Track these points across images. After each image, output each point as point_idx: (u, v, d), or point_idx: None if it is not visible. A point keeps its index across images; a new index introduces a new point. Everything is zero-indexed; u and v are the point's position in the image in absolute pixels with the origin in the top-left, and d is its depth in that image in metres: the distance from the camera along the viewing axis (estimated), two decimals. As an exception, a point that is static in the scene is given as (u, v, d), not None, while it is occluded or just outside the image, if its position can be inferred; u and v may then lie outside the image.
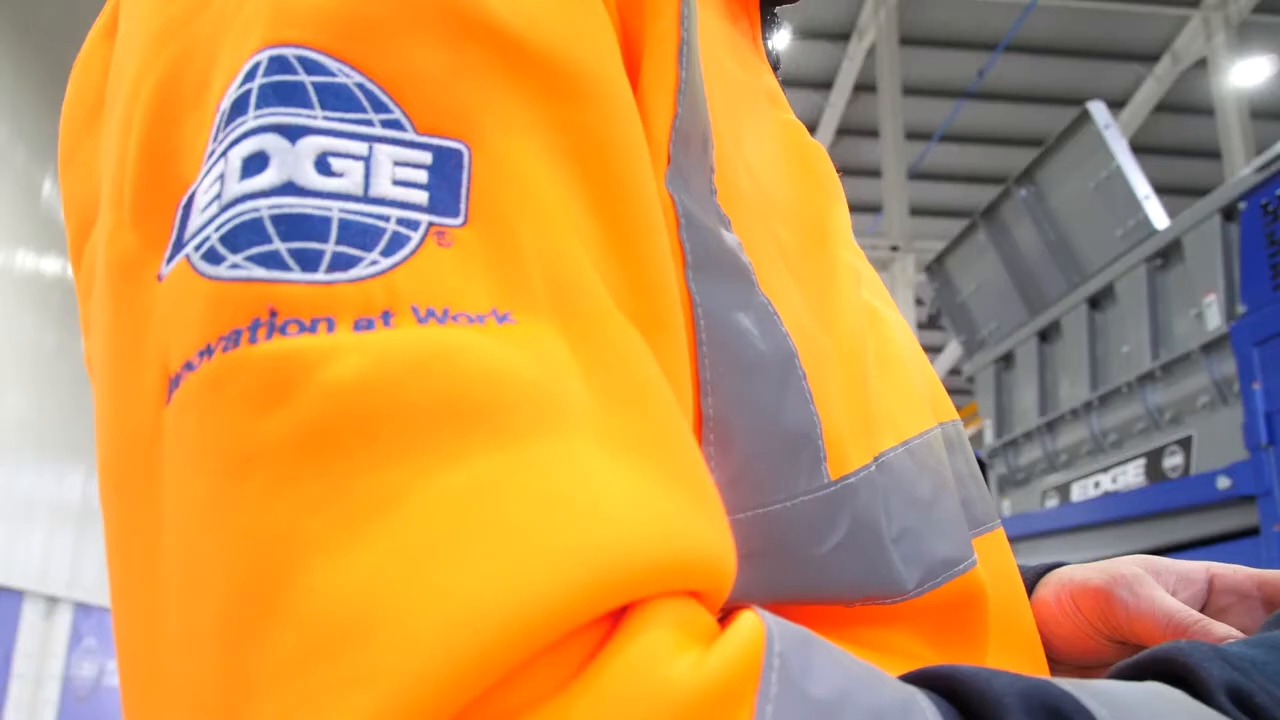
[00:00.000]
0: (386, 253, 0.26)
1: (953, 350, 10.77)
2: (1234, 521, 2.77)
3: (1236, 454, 2.76)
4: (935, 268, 4.79)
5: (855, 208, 14.26)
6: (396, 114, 0.28)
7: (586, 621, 0.24)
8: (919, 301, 5.36)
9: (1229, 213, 2.93)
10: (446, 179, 0.28)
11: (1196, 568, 0.52)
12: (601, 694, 0.23)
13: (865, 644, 0.38)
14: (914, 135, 11.31)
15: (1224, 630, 0.45)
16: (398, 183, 0.27)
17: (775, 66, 0.53)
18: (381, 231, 0.27)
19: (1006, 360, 4.34)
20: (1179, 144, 11.89)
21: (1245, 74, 10.56)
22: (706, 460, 0.33)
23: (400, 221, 0.27)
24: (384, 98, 0.28)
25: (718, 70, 0.41)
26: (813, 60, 11.10)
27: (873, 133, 10.98)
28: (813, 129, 11.78)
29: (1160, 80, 11.08)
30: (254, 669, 0.23)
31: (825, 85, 11.39)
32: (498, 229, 0.28)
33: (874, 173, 11.46)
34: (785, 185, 0.43)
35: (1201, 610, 0.50)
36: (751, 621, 0.27)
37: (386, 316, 0.26)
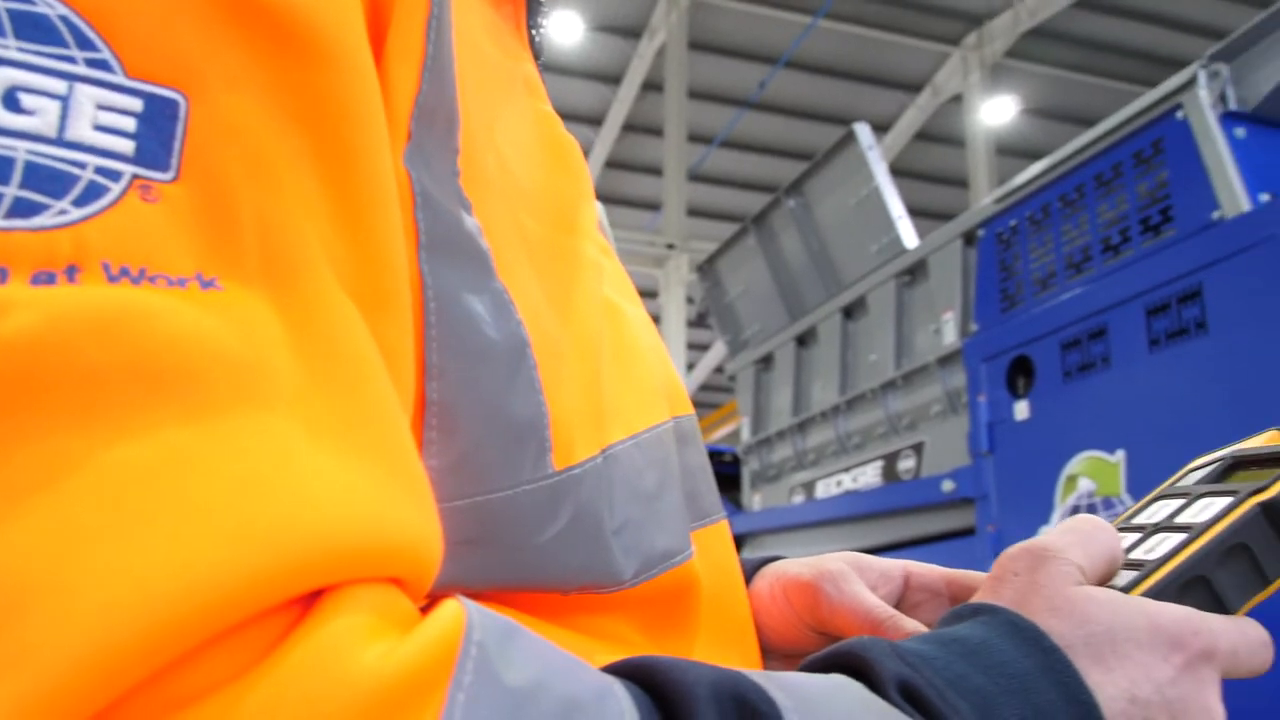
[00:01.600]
0: (80, 202, 0.24)
1: (719, 349, 11.15)
2: (955, 522, 3.00)
3: (961, 460, 2.99)
4: (706, 268, 4.93)
5: (635, 204, 14.45)
6: (105, 54, 0.25)
7: (272, 606, 0.23)
8: (690, 300, 5.51)
9: (970, 238, 3.17)
10: (158, 130, 0.26)
11: (895, 566, 0.55)
12: (282, 681, 0.22)
13: (581, 631, 0.39)
14: (696, 138, 11.61)
15: (912, 625, 0.48)
16: (100, 128, 0.25)
17: (538, 55, 0.52)
18: (75, 179, 0.24)
19: (766, 361, 4.53)
20: (932, 171, 12.81)
21: (994, 112, 11.51)
22: (427, 445, 0.32)
23: (99, 170, 0.24)
24: (91, 34, 0.25)
25: (473, 51, 0.40)
26: (605, 54, 11.19)
27: (657, 132, 11.19)
28: (599, 122, 11.91)
29: (921, 110, 11.89)
30: None
31: (615, 80, 11.51)
32: (212, 188, 0.26)
33: (656, 171, 11.68)
34: (535, 174, 0.43)
35: (897, 606, 0.54)
36: (452, 610, 0.27)
37: (71, 271, 0.23)
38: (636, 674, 0.31)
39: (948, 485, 2.98)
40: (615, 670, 0.31)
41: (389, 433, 0.28)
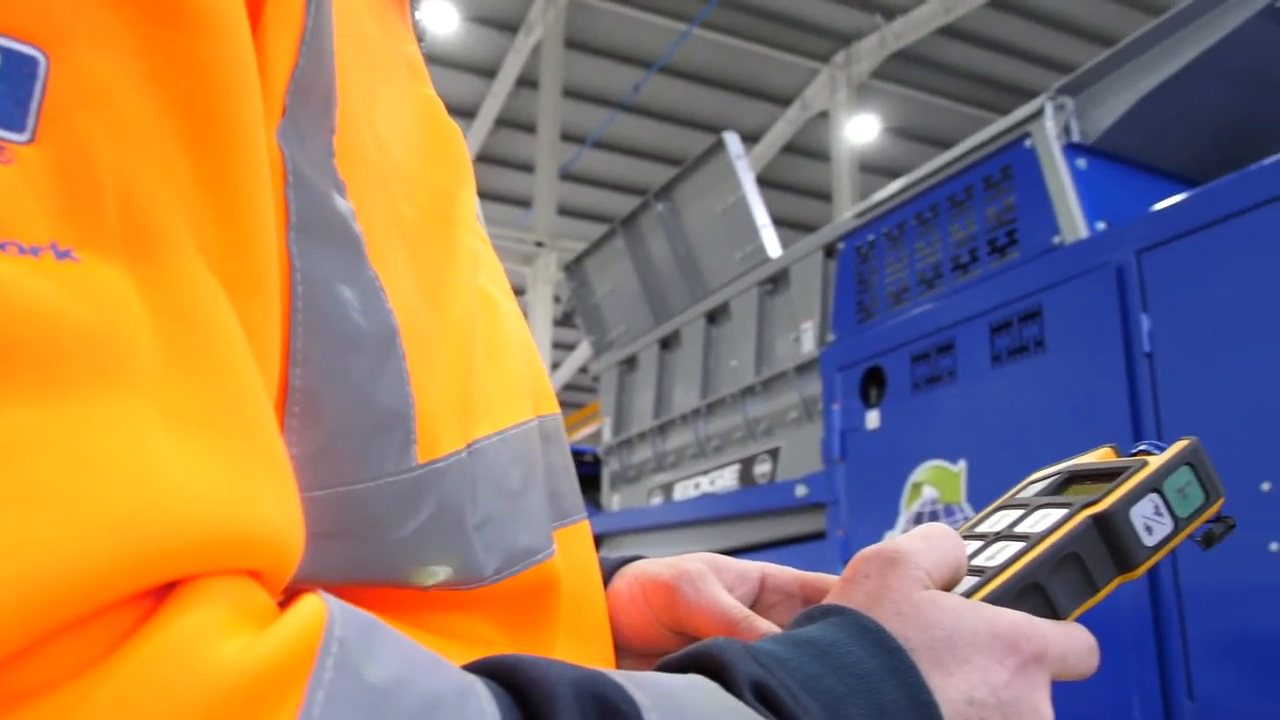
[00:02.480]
0: None
1: (584, 349, 11.16)
2: (807, 525, 3.08)
3: (814, 466, 3.08)
4: (574, 268, 4.93)
5: (506, 200, 14.31)
6: None
7: (121, 597, 0.22)
8: (557, 298, 5.50)
9: (830, 251, 3.26)
10: (14, 88, 0.24)
11: (752, 567, 0.56)
12: (130, 676, 0.21)
13: (438, 630, 0.38)
14: (568, 137, 11.60)
15: (767, 626, 0.49)
16: None
17: (421, 38, 0.51)
18: None
19: (630, 363, 4.55)
20: (798, 183, 13.13)
21: (858, 130, 11.87)
22: (289, 433, 0.31)
23: None
24: None
25: (355, 29, 0.39)
26: (480, 46, 11.07)
27: (530, 128, 11.13)
28: (473, 115, 11.76)
29: (790, 123, 12.17)
30: None
31: (489, 73, 11.40)
32: (71, 153, 0.24)
33: (527, 168, 11.62)
34: (414, 159, 0.42)
35: (752, 607, 0.55)
36: (313, 605, 0.26)
37: None
38: (498, 672, 0.31)
39: (801, 490, 3.06)
40: (476, 668, 0.31)
41: (251, 419, 0.27)
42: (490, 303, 0.46)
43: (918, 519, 2.54)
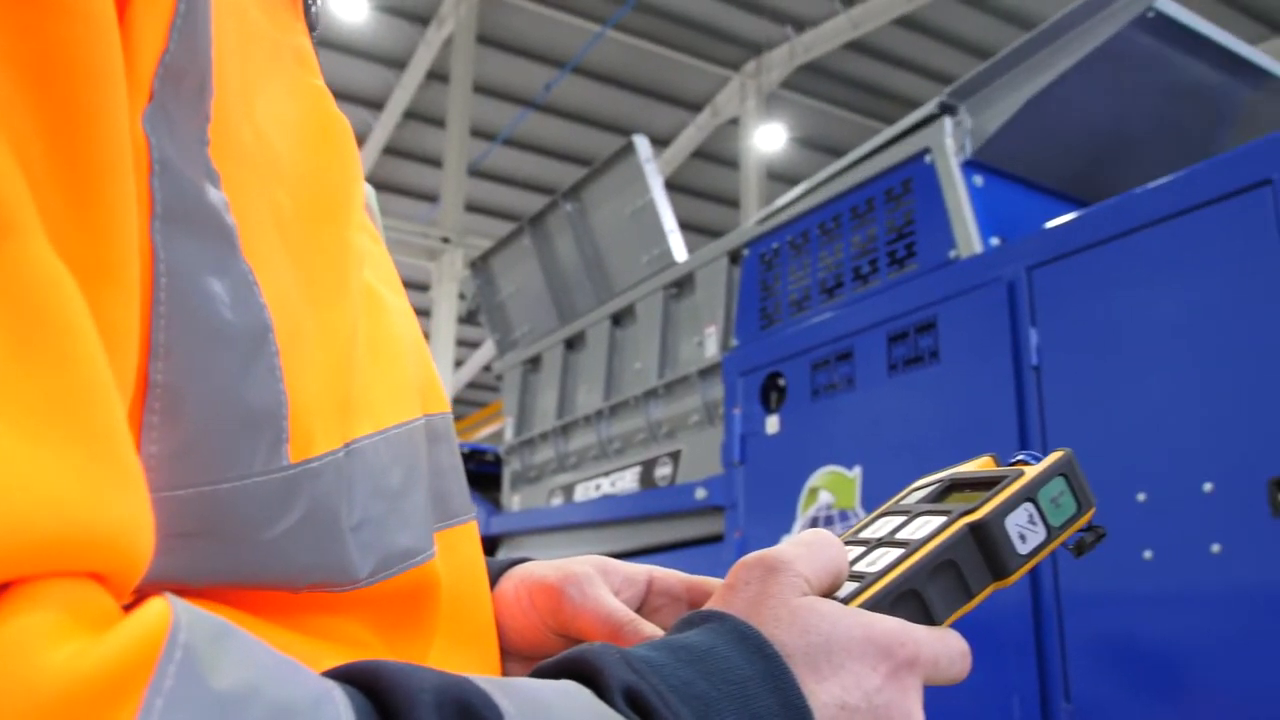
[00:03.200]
0: None
1: (489, 347, 11.08)
2: (706, 528, 3.11)
3: (714, 469, 3.11)
4: (480, 265, 4.89)
5: (413, 194, 14.14)
6: None
7: None
8: (462, 296, 5.43)
9: (735, 257, 3.30)
10: None
11: (640, 570, 0.56)
12: None
13: (310, 631, 0.37)
14: (478, 133, 11.52)
15: (650, 630, 0.50)
16: None
17: (313, 28, 0.50)
18: None
19: (534, 363, 4.54)
20: (707, 189, 13.26)
21: (767, 138, 12.04)
22: (148, 430, 0.30)
23: None
24: None
25: (237, 15, 0.38)
26: (390, 37, 10.91)
27: (439, 122, 11.02)
28: (380, 106, 11.58)
29: (700, 129, 12.29)
30: None
31: (399, 65, 11.24)
32: None
33: (435, 162, 11.49)
34: (298, 152, 0.40)
35: (639, 610, 0.55)
36: (157, 609, 0.25)
37: None
38: (359, 678, 0.30)
39: (700, 493, 3.09)
40: (338, 675, 0.30)
41: (97, 414, 0.26)
42: (376, 299, 0.45)
43: (813, 523, 2.58)
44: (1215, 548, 1.76)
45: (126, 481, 0.26)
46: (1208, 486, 1.79)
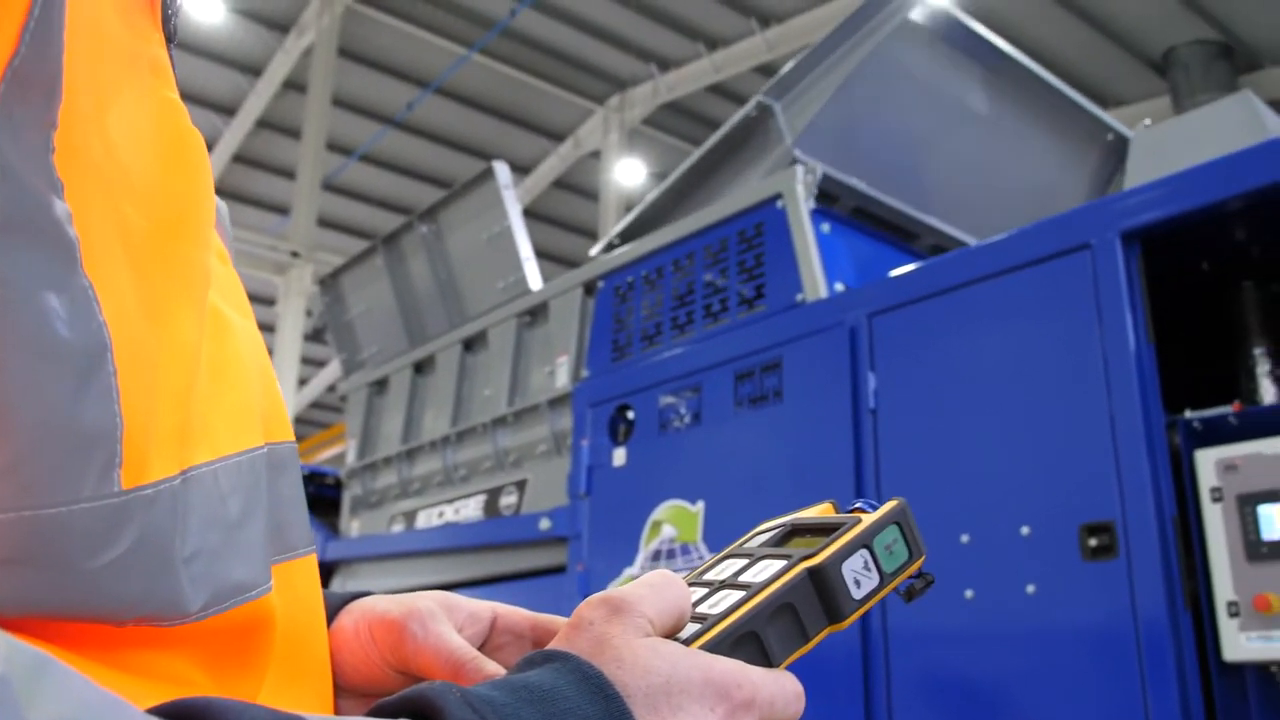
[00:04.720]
0: None
1: (335, 367, 10.78)
2: (549, 559, 3.10)
3: (560, 499, 3.10)
4: (329, 282, 4.77)
5: (263, 205, 13.69)
6: None
7: None
8: (309, 312, 5.27)
9: (590, 288, 3.32)
10: None
11: (484, 607, 0.56)
12: None
13: (133, 668, 0.35)
14: (335, 147, 11.27)
15: (493, 668, 0.49)
16: None
17: (171, 38, 0.48)
18: None
19: (381, 385, 4.44)
20: (565, 219, 13.32)
21: (627, 172, 12.20)
22: None
23: None
24: None
25: (93, 22, 0.36)
26: (246, 42, 10.58)
27: (294, 134, 10.73)
28: (232, 113, 11.20)
29: (561, 159, 12.36)
30: None
31: (255, 72, 10.91)
32: None
33: (288, 174, 11.18)
34: (150, 167, 0.39)
35: (482, 648, 0.54)
36: None
37: None
38: (187, 715, 0.29)
39: (545, 523, 3.07)
40: (165, 711, 0.29)
41: None
42: (222, 322, 0.43)
43: (655, 556, 2.60)
44: (1030, 588, 1.86)
45: None
46: (1025, 530, 1.89)
